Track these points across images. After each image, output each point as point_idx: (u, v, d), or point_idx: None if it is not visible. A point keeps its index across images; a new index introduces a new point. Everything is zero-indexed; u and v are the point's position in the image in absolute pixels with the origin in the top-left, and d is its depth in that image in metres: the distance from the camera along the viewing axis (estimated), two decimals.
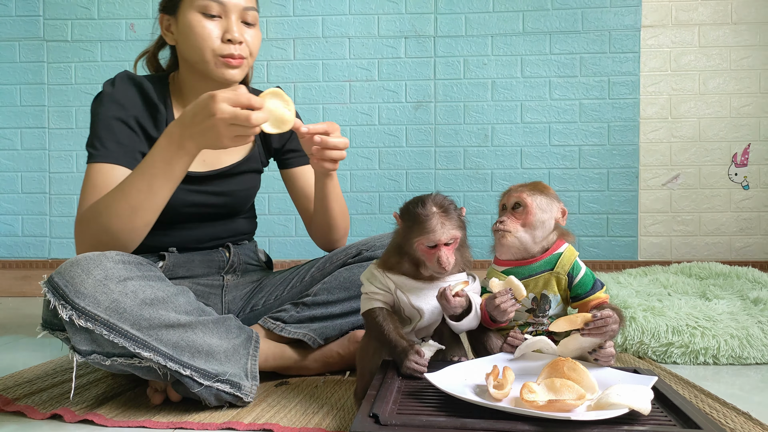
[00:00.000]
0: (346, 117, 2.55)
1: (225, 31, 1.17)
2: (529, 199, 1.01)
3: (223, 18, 1.18)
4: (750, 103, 2.46)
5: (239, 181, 1.32)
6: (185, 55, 1.21)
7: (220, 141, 0.99)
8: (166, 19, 1.24)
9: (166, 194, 1.05)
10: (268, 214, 2.57)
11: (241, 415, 1.00)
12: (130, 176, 1.05)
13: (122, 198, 1.04)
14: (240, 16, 1.19)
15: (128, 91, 1.20)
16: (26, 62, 2.60)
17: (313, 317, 1.23)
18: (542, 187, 1.04)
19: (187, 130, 1.00)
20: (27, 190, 2.62)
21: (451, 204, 0.95)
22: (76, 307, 0.92)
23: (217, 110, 0.95)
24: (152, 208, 1.05)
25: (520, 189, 1.03)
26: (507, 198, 1.04)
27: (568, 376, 0.82)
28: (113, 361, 0.95)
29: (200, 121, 0.98)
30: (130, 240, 1.06)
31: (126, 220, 1.04)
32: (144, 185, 1.03)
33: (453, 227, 0.92)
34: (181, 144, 1.01)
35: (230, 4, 1.17)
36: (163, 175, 1.03)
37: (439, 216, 0.92)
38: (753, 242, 2.48)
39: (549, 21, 2.49)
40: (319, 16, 2.55)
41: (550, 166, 2.51)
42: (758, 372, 1.33)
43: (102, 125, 1.16)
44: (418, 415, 0.77)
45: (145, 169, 1.04)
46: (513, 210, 1.02)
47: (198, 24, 1.16)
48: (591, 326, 0.90)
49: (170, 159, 1.02)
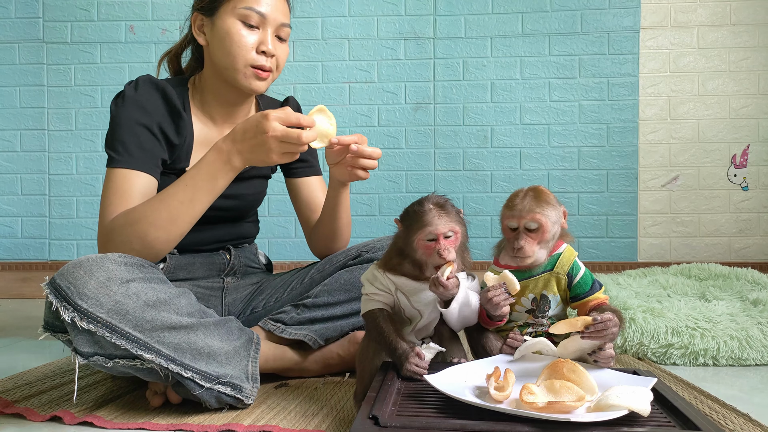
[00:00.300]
0: (346, 118, 2.56)
1: (260, 43, 1.18)
2: (543, 219, 0.98)
3: (260, 29, 1.18)
4: (749, 105, 2.47)
5: (248, 185, 1.33)
6: (215, 58, 1.21)
7: (269, 157, 1.03)
8: (200, 18, 1.23)
9: (205, 206, 1.09)
10: (268, 216, 2.57)
11: (241, 417, 1.00)
12: (172, 187, 1.07)
13: (163, 208, 1.05)
14: (276, 30, 1.20)
15: (152, 96, 1.19)
16: (26, 64, 2.60)
17: (314, 319, 1.23)
18: (546, 197, 1.00)
19: (237, 146, 1.05)
20: (26, 192, 2.62)
21: (447, 201, 0.95)
22: (78, 308, 0.92)
23: (269, 128, 1.00)
24: (190, 220, 1.08)
25: (531, 207, 0.98)
26: (518, 220, 0.98)
27: (568, 377, 0.82)
28: (115, 363, 0.96)
29: (251, 137, 1.03)
30: (162, 249, 1.08)
31: (163, 230, 1.05)
32: (186, 197, 1.06)
33: (451, 221, 0.93)
34: (229, 159, 1.06)
35: (270, 17, 1.18)
36: (206, 188, 1.07)
37: (436, 210, 0.93)
38: (752, 243, 2.48)
39: (548, 22, 2.50)
40: (319, 18, 2.56)
41: (550, 167, 2.51)
42: (758, 373, 1.33)
43: (125, 129, 1.15)
44: (418, 416, 0.77)
45: (189, 181, 1.07)
46: (527, 231, 0.98)
47: (236, 32, 1.16)
48: (591, 329, 0.90)
49: (216, 173, 1.06)
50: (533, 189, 1.02)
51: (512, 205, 1.00)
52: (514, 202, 1.00)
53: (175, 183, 1.08)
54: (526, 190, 1.01)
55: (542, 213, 0.98)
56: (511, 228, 1.00)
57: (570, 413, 0.75)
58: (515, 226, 0.99)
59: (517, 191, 1.02)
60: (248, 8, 1.16)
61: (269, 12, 1.18)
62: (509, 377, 0.82)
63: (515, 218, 0.99)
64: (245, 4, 1.17)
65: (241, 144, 1.04)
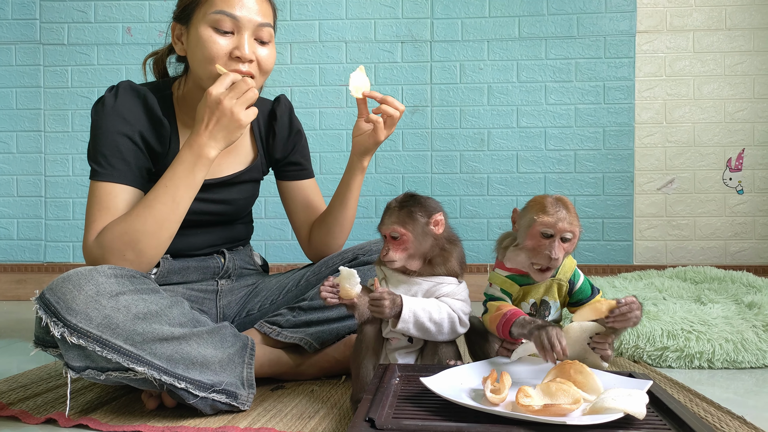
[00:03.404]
0: (343, 121, 2.56)
1: (235, 48, 1.12)
2: (578, 231, 0.95)
3: (235, 34, 1.13)
4: (744, 108, 2.48)
5: (240, 189, 1.32)
6: (192, 67, 1.18)
7: (237, 121, 1.05)
8: (178, 28, 1.19)
9: (188, 204, 1.09)
10: (264, 218, 2.57)
11: (237, 419, 0.99)
12: (152, 191, 1.07)
13: (148, 214, 1.05)
14: (254, 33, 1.14)
15: (132, 104, 1.16)
16: (23, 65, 2.60)
17: (310, 322, 1.22)
18: (573, 208, 0.97)
19: (204, 134, 1.06)
20: (23, 194, 2.61)
21: (415, 204, 0.98)
22: (68, 324, 0.91)
23: (218, 98, 1.04)
24: (176, 219, 1.08)
25: (570, 218, 0.94)
26: (556, 228, 0.93)
27: (574, 378, 0.83)
28: (108, 376, 0.95)
29: (210, 117, 1.05)
30: (155, 255, 1.08)
31: (153, 235, 1.05)
32: (168, 198, 1.06)
33: (397, 220, 0.97)
34: (201, 151, 1.07)
35: (244, 20, 1.12)
36: (185, 186, 1.07)
37: (393, 210, 0.99)
38: (748, 247, 2.49)
39: (544, 26, 2.51)
40: (316, 21, 2.56)
41: (546, 170, 2.52)
42: (752, 376, 1.34)
43: (106, 140, 1.13)
44: (414, 419, 0.77)
45: (168, 182, 1.07)
46: (562, 241, 0.95)
47: (208, 38, 1.11)
48: (616, 312, 0.89)
49: (192, 168, 1.07)
50: (560, 199, 0.97)
51: (550, 211, 0.94)
52: (549, 209, 0.94)
53: (154, 187, 1.07)
54: (553, 199, 0.96)
55: (577, 224, 0.95)
56: (545, 235, 0.94)
57: (566, 416, 0.75)
58: (551, 233, 0.94)
59: (542, 198, 0.97)
60: (219, 12, 1.11)
61: (243, 14, 1.12)
62: (505, 380, 0.82)
63: (553, 226, 0.93)
64: (215, 8, 1.11)
65: (206, 130, 1.06)
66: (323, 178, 2.52)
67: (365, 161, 1.28)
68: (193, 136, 1.07)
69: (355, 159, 1.28)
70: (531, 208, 0.97)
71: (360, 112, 1.24)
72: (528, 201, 1.00)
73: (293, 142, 1.39)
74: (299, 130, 1.40)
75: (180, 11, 1.18)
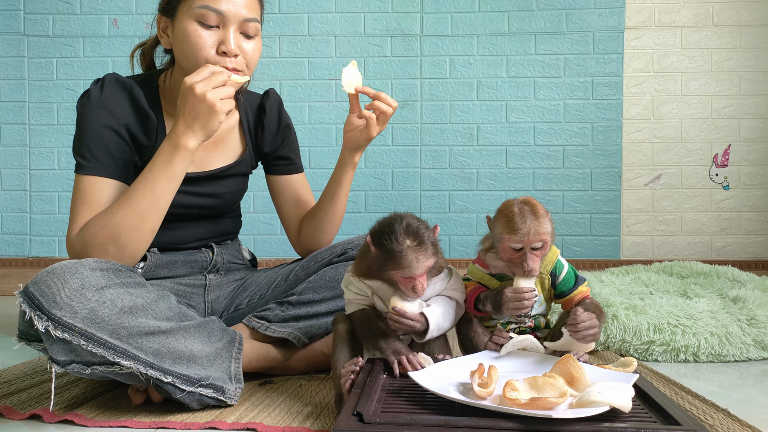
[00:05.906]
0: (332, 115, 2.55)
1: (220, 42, 1.11)
2: (547, 237, 0.96)
3: (220, 28, 1.11)
4: (730, 105, 2.50)
5: (228, 183, 1.31)
6: (179, 61, 1.17)
7: (213, 111, 1.03)
8: (163, 20, 1.18)
9: (169, 197, 1.08)
10: (253, 212, 2.56)
11: (225, 414, 0.99)
12: (134, 184, 1.06)
13: (129, 207, 1.04)
14: (239, 27, 1.12)
15: (118, 96, 1.15)
16: (6, 57, 2.56)
17: (298, 316, 1.22)
18: (541, 211, 0.97)
19: (181, 125, 1.05)
20: (7, 187, 2.58)
21: (423, 231, 0.92)
22: (52, 317, 0.90)
23: (193, 88, 1.02)
24: (157, 213, 1.07)
25: (536, 230, 0.95)
26: (526, 240, 0.95)
27: (571, 372, 0.85)
28: (93, 370, 0.94)
29: (186, 108, 1.04)
30: (137, 249, 1.07)
31: (134, 229, 1.04)
32: (148, 190, 1.05)
33: (427, 258, 0.92)
34: (179, 142, 1.05)
35: (230, 14, 1.10)
36: (165, 178, 1.06)
37: (413, 251, 0.90)
38: (733, 242, 2.52)
39: (534, 21, 2.51)
40: (305, 14, 2.55)
41: (535, 165, 2.53)
42: (737, 369, 1.35)
43: (91, 134, 1.12)
44: (402, 413, 0.78)
45: (148, 174, 1.06)
46: (533, 250, 0.96)
47: (194, 33, 1.10)
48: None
49: (171, 160, 1.06)
50: (527, 203, 0.97)
51: (515, 227, 0.95)
52: (516, 224, 0.95)
53: (135, 181, 1.07)
54: (520, 206, 0.97)
55: (545, 231, 0.96)
56: (515, 249, 0.96)
57: (552, 409, 0.76)
58: (520, 247, 0.96)
59: (510, 207, 0.97)
60: (204, 7, 1.09)
61: (228, 8, 1.10)
62: (493, 374, 0.83)
63: (520, 242, 0.95)
64: (201, 3, 1.10)
65: (183, 121, 1.05)
66: (312, 172, 2.52)
67: (356, 157, 1.28)
68: (172, 127, 1.07)
69: (346, 154, 1.28)
70: (498, 221, 0.98)
71: (352, 107, 1.24)
72: (498, 207, 1.00)
73: (282, 137, 1.38)
74: (288, 124, 1.39)
75: (165, 4, 1.17)
